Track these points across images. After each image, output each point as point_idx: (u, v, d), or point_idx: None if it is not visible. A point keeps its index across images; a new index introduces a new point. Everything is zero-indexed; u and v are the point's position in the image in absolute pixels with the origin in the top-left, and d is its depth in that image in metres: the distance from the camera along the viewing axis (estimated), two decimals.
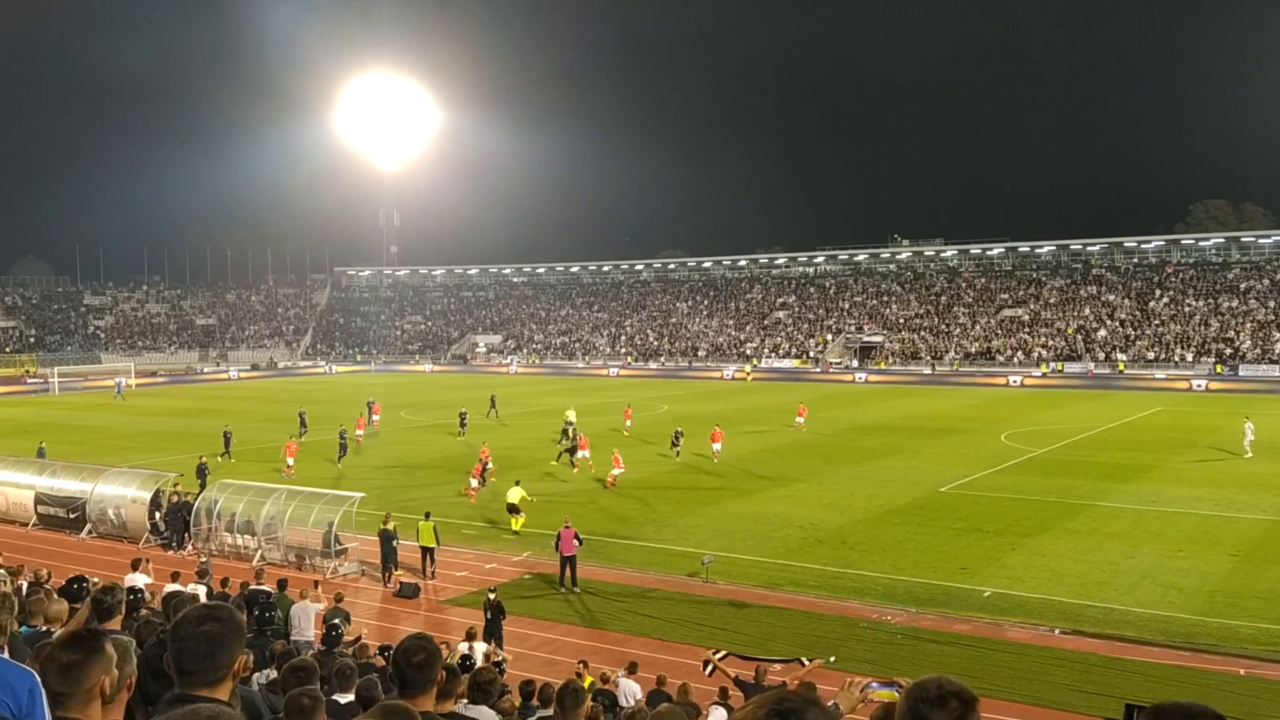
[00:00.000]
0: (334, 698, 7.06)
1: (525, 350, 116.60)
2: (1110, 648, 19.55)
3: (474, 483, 34.99)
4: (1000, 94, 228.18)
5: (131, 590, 11.43)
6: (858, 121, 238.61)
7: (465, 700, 6.72)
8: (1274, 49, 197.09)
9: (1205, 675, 17.99)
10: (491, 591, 20.30)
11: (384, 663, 13.17)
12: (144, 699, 4.80)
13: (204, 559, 24.35)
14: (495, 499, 33.31)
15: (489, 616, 19.60)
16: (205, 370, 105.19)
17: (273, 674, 9.17)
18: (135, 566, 18.39)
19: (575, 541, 24.05)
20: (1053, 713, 16.54)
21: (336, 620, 16.05)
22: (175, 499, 29.35)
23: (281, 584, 19.51)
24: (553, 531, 25.65)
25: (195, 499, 29.23)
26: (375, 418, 52.25)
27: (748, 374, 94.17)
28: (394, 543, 25.06)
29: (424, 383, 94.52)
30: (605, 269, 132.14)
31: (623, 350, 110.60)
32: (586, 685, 15.13)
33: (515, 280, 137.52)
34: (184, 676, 3.38)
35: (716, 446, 41.53)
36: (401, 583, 24.60)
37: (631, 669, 16.04)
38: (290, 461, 39.39)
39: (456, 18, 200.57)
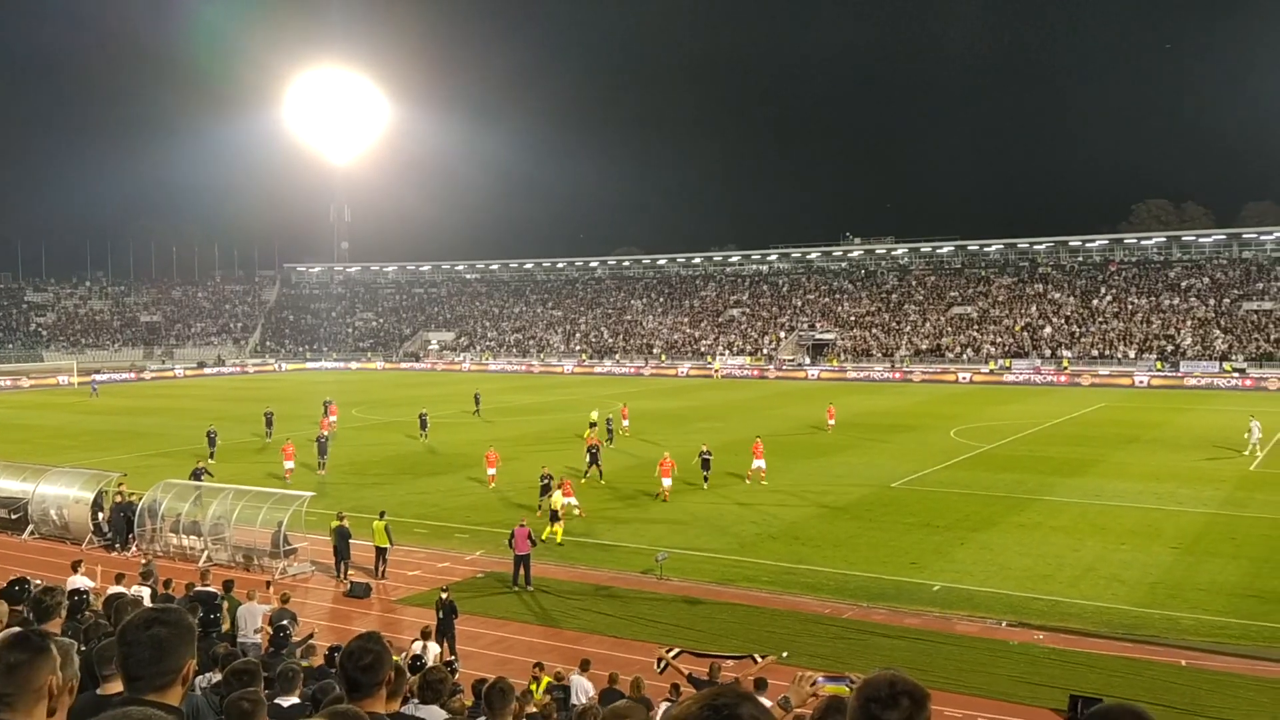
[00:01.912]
0: (277, 701, 6.96)
1: (479, 348, 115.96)
2: (1056, 640, 19.89)
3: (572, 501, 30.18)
4: (948, 96, 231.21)
5: (75, 592, 11.20)
6: (810, 121, 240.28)
7: (416, 700, 6.67)
8: (1213, 51, 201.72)
9: (1148, 666, 18.37)
10: (444, 591, 20.16)
11: (322, 662, 13.05)
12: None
13: (148, 560, 23.90)
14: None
15: (441, 616, 19.46)
16: (151, 368, 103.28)
17: (216, 677, 9.03)
18: (75, 568, 18.03)
19: (529, 541, 23.99)
20: (1000, 704, 16.80)
21: (284, 621, 15.86)
22: (119, 499, 28.80)
23: (228, 585, 19.22)
24: (507, 530, 25.56)
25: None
26: (332, 419, 51.51)
27: (716, 370, 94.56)
28: (348, 540, 24.83)
29: (376, 380, 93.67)
30: (560, 266, 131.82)
31: (577, 348, 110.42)
32: (544, 685, 15.11)
33: (469, 277, 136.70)
34: (133, 682, 3.31)
35: (760, 464, 36.14)
36: (353, 582, 24.36)
37: (584, 666, 16.03)
38: (290, 465, 37.94)
39: (407, 12, 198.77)
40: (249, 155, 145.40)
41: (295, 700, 7.21)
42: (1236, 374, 77.45)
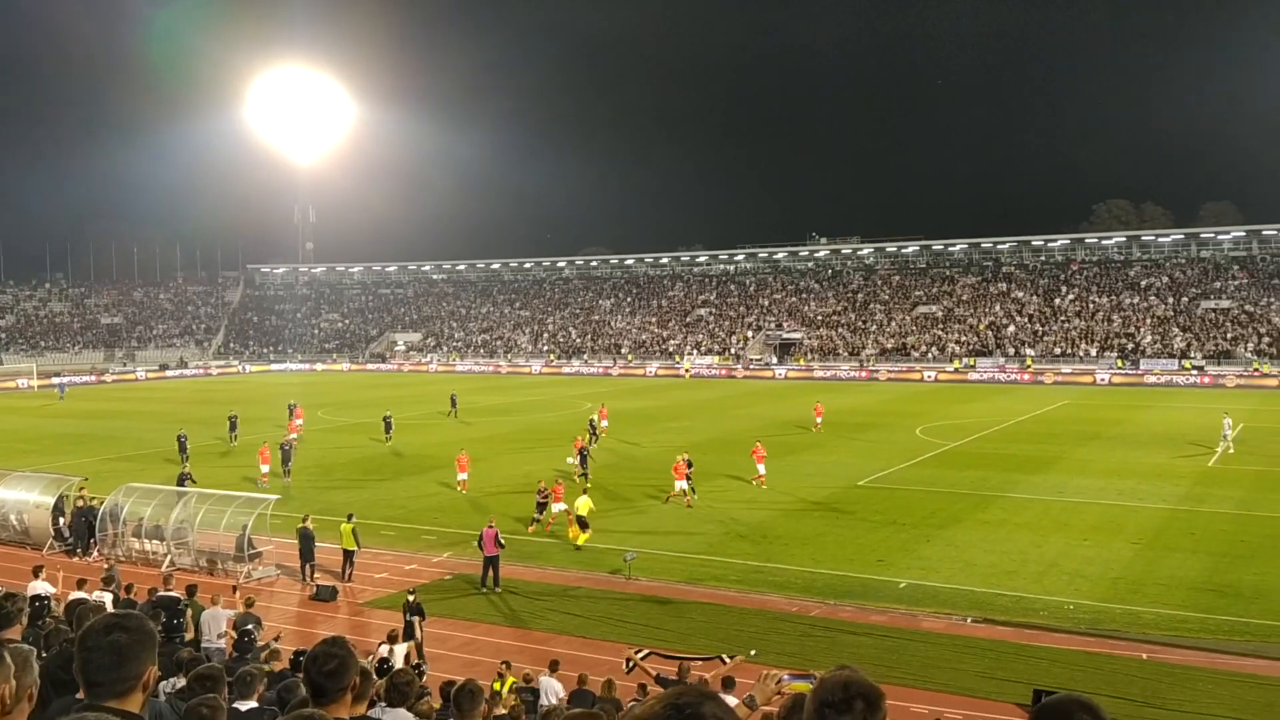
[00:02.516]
0: (235, 705, 6.90)
1: (446, 348, 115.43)
2: (1020, 635, 20.13)
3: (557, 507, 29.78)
4: (914, 97, 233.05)
5: (36, 598, 11.05)
6: (777, 122, 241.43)
7: (383, 703, 6.65)
8: (1172, 55, 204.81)
9: (1109, 660, 18.63)
10: (411, 593, 20.07)
11: (286, 666, 12.93)
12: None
13: (110, 565, 23.58)
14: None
15: (408, 618, 19.37)
16: (112, 370, 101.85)
17: (180, 682, 8.95)
18: (36, 574, 17.76)
19: (496, 544, 23.88)
20: (965, 699, 16.96)
21: (249, 626, 15.72)
22: (80, 504, 28.41)
23: (191, 590, 18.99)
24: (476, 532, 25.49)
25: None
26: (298, 422, 50.85)
27: (686, 370, 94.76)
28: (313, 542, 24.66)
29: (342, 382, 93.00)
30: (527, 266, 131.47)
31: (545, 348, 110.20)
32: (509, 685, 15.09)
33: (435, 277, 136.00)
34: (92, 688, 3.29)
35: (760, 469, 35.89)
36: (319, 585, 24.19)
37: (553, 667, 16.01)
38: (266, 469, 37.41)
39: (371, 12, 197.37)
40: (211, 156, 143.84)
41: (253, 704, 7.15)
42: (1195, 371, 78.70)
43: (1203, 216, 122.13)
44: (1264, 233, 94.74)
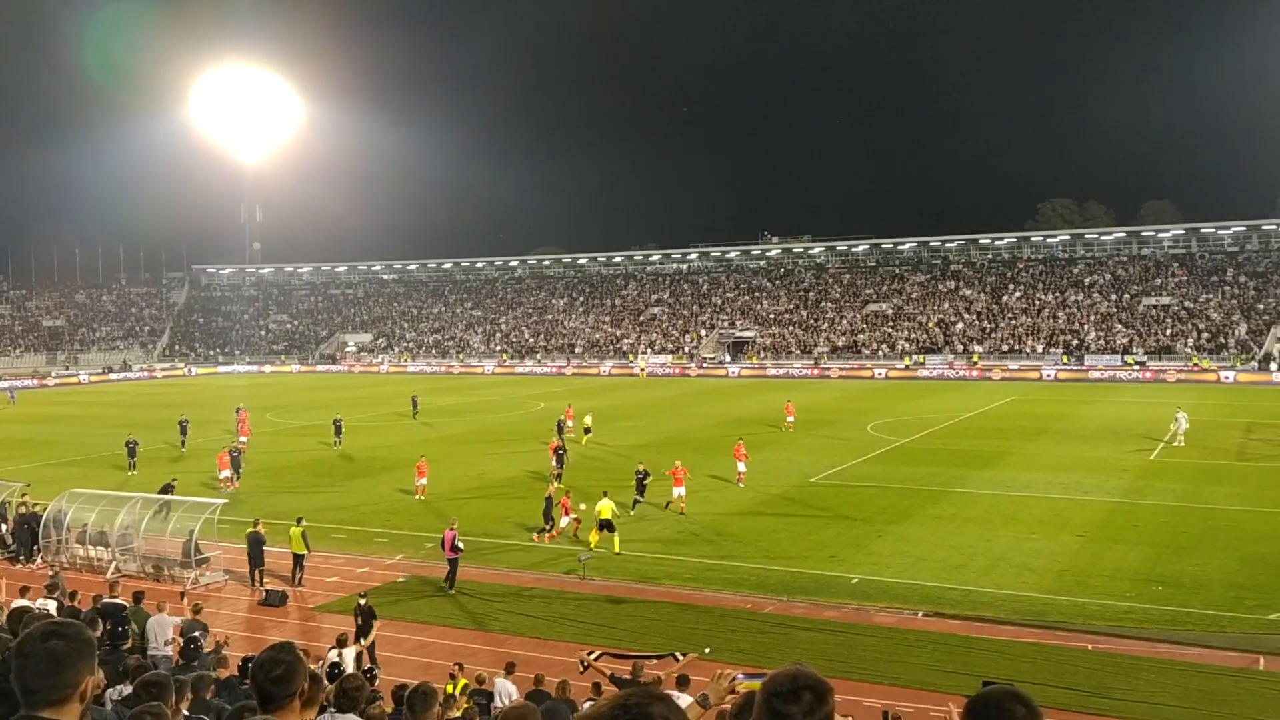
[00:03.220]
0: (183, 712, 6.81)
1: (397, 349, 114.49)
2: (969, 628, 20.42)
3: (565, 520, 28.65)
4: (865, 98, 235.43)
5: None
6: (728, 121, 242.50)
7: (333, 709, 6.58)
8: (1114, 58, 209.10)
9: (1056, 651, 18.97)
10: (362, 597, 19.86)
11: (235, 673, 12.77)
12: None
13: (55, 572, 23.09)
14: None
15: (360, 622, 19.18)
16: (55, 374, 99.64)
17: (126, 689, 8.80)
18: None
19: (451, 549, 23.63)
20: (916, 692, 17.16)
21: (196, 633, 15.48)
22: (23, 510, 27.77)
23: (137, 596, 18.65)
24: (429, 534, 25.33)
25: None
26: (244, 427, 49.82)
27: (642, 369, 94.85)
28: (262, 547, 24.33)
29: (291, 384, 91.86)
30: (479, 265, 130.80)
31: (498, 348, 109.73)
32: (461, 687, 15.00)
33: (386, 278, 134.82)
34: (28, 695, 3.24)
35: (741, 467, 35.64)
36: (268, 591, 23.87)
37: (508, 669, 15.94)
38: (224, 474, 36.56)
39: (318, 9, 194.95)
40: (154, 155, 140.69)
41: (201, 713, 7.06)
42: (1137, 366, 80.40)
43: (1143, 215, 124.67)
44: (1201, 231, 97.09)
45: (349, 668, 15.35)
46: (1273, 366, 76.47)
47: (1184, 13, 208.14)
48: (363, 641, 18.57)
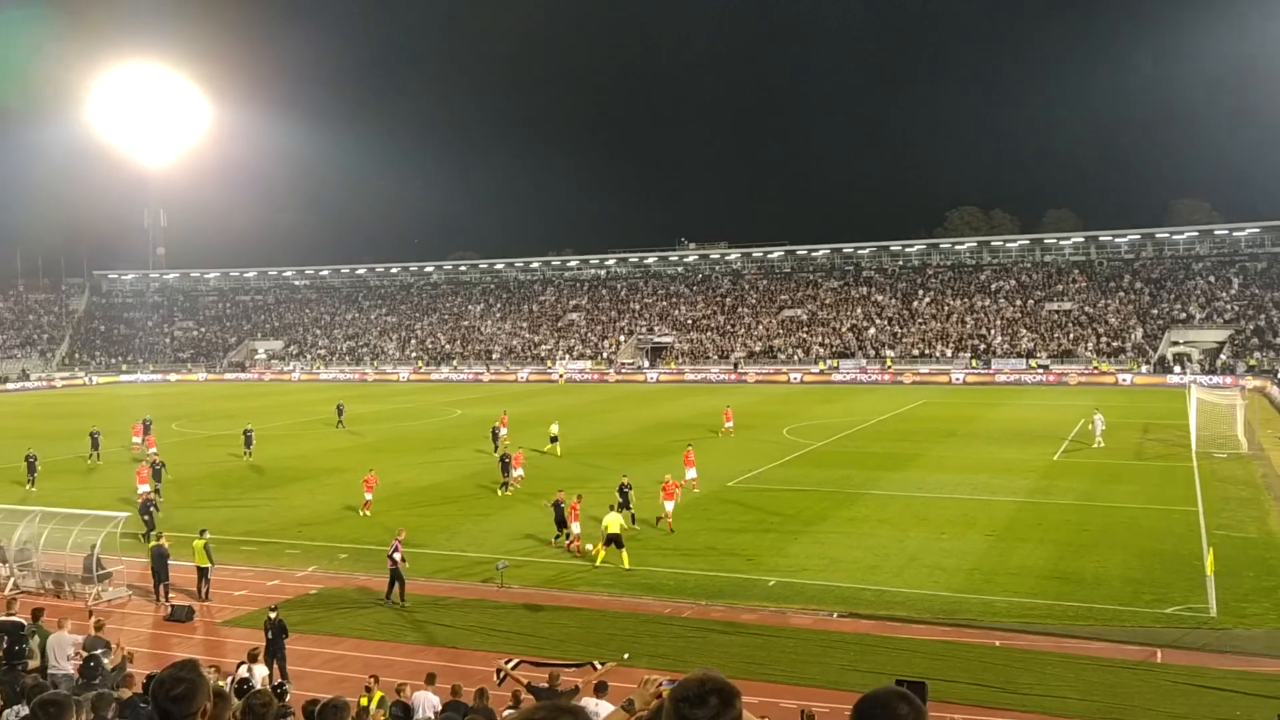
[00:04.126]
0: None
1: (309, 356, 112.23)
2: (883, 628, 20.79)
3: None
4: (778, 108, 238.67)
5: None
6: (646, 128, 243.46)
7: None
8: (1016, 71, 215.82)
9: (966, 648, 19.43)
10: (272, 610, 19.39)
11: (139, 691, 12.36)
12: None
13: None
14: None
15: (270, 636, 18.71)
16: None
17: (24, 710, 8.45)
18: None
19: (389, 559, 23.12)
20: (832, 692, 17.40)
21: (97, 651, 14.95)
22: None
23: (36, 613, 17.93)
24: (343, 545, 24.85)
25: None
26: (135, 440, 48.06)
27: (561, 375, 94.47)
28: (166, 560, 23.60)
29: (198, 393, 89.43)
30: (394, 271, 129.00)
31: (413, 354, 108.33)
32: (377, 701, 14.75)
33: (297, 283, 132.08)
34: None
35: (691, 473, 35.33)
36: (173, 605, 23.16)
37: (429, 680, 15.72)
38: (144, 488, 34.44)
39: (223, 9, 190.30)
40: (52, 159, 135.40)
41: None
42: (1041, 370, 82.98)
43: (1045, 223, 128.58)
44: (1100, 238, 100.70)
45: (258, 684, 14.98)
46: (1179, 370, 79.66)
47: (1083, 32, 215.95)
48: (275, 662, 18.14)
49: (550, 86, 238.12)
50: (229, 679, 15.72)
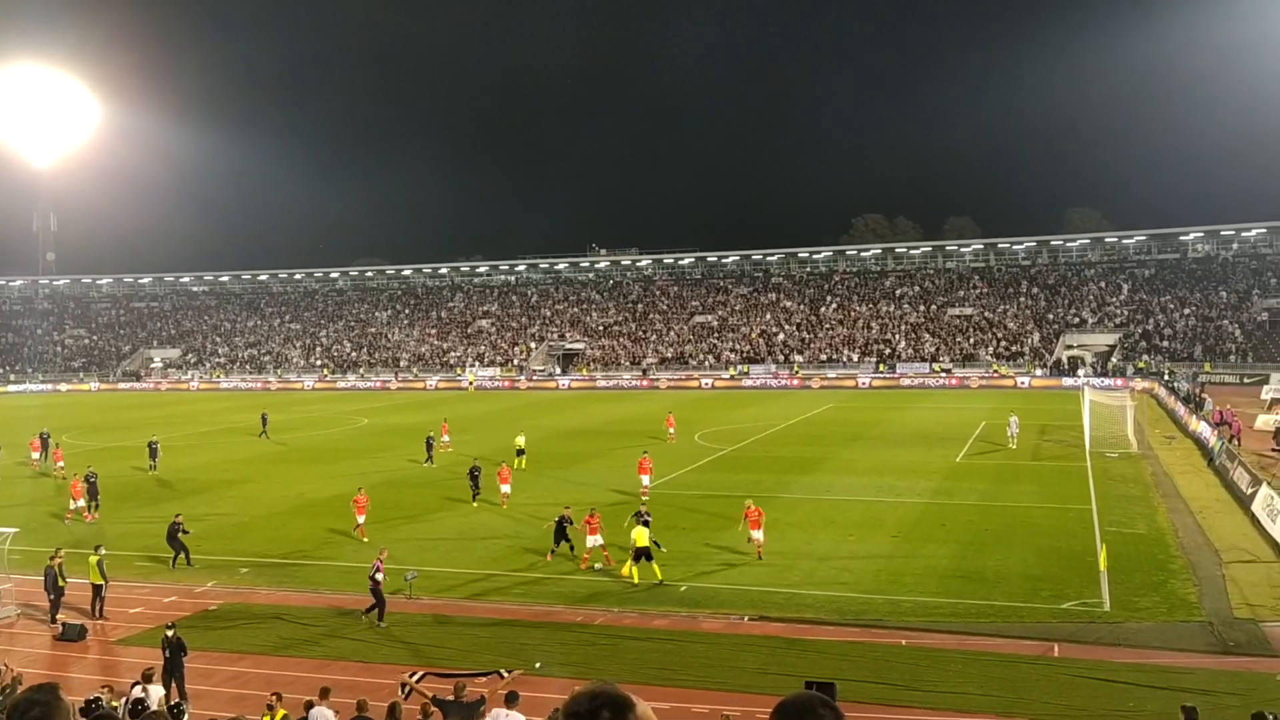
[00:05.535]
0: None
1: (208, 365, 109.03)
2: (793, 630, 21.01)
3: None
4: (693, 118, 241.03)
5: None
6: (556, 134, 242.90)
7: None
8: (919, 82, 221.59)
9: (873, 648, 19.74)
10: (170, 628, 18.70)
11: None
12: None
13: None
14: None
15: (168, 655, 18.05)
16: None
17: None
18: None
19: (371, 579, 22.27)
20: (744, 695, 17.50)
21: None
22: None
23: None
24: (244, 559, 24.10)
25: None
26: (34, 455, 46.20)
27: (470, 383, 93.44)
28: (59, 580, 22.59)
29: (91, 403, 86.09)
30: (297, 277, 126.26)
31: (318, 362, 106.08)
32: (279, 718, 14.33)
33: (195, 290, 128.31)
34: None
35: (645, 480, 35.46)
36: (65, 625, 22.19)
37: (323, 694, 15.29)
38: (78, 503, 33.35)
39: (113, 8, 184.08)
40: None
41: None
42: (944, 374, 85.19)
43: (946, 230, 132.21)
44: (999, 245, 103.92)
45: (154, 705, 14.44)
46: (1074, 372, 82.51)
47: (982, 46, 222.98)
48: (173, 682, 17.50)
49: (461, 93, 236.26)
50: (123, 700, 15.13)
